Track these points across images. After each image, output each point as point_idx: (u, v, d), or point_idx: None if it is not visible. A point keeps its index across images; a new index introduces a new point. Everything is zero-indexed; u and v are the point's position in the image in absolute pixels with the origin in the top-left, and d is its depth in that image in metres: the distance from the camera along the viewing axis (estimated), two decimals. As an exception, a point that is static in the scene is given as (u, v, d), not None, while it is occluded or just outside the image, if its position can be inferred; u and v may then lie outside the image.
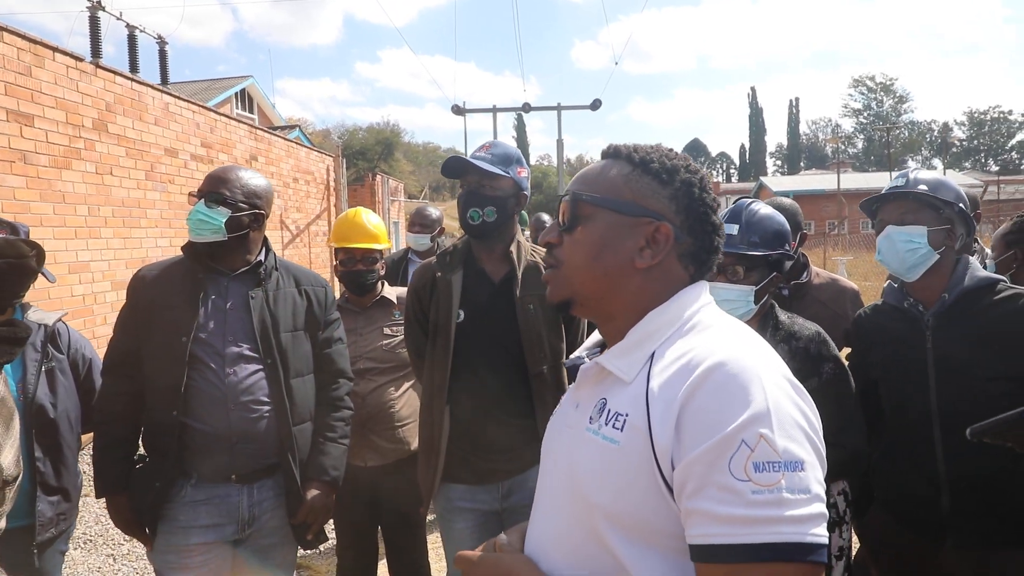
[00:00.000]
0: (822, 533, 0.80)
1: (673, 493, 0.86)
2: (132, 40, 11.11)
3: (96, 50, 9.12)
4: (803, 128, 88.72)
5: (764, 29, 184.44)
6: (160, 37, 12.26)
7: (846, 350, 2.15)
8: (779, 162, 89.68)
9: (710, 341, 0.91)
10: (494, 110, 16.51)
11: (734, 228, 1.90)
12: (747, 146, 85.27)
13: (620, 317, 1.02)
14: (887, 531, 1.98)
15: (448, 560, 2.28)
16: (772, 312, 1.97)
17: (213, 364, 1.99)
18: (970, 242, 1.97)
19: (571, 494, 0.97)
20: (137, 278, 2.10)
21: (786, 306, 2.26)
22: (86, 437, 2.50)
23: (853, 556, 2.11)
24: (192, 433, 1.97)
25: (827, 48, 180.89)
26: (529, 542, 1.06)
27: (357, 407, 2.46)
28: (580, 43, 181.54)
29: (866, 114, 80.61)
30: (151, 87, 6.90)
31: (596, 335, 1.14)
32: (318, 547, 2.25)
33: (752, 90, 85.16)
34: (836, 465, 1.44)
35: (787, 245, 1.93)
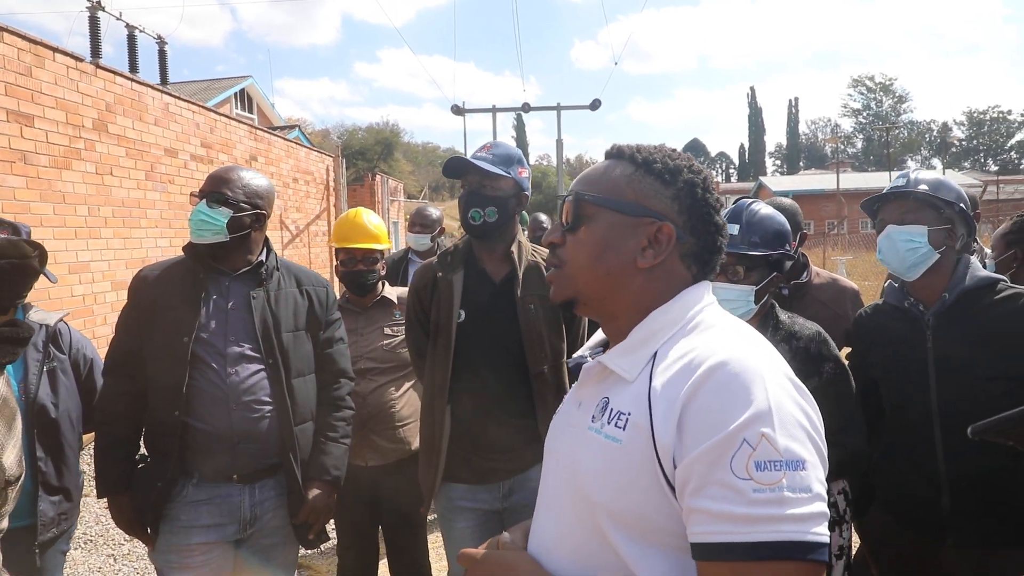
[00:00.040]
0: (823, 532, 0.80)
1: (675, 491, 0.86)
2: (132, 40, 11.11)
3: (96, 50, 9.13)
4: (802, 128, 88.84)
5: (764, 29, 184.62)
6: (159, 37, 12.26)
7: (846, 350, 2.16)
8: (778, 162, 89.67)
9: (712, 340, 0.92)
10: (493, 110, 16.50)
11: (735, 228, 1.90)
12: (746, 146, 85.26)
13: (623, 317, 1.02)
14: (887, 531, 1.98)
15: (449, 560, 2.28)
16: (772, 312, 1.97)
17: (215, 364, 1.99)
18: (970, 242, 1.97)
19: (573, 492, 0.97)
20: (138, 278, 2.10)
21: (786, 306, 2.26)
22: (87, 437, 2.51)
23: (853, 555, 2.12)
24: (194, 433, 1.97)
25: (827, 48, 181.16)
26: (532, 540, 1.06)
27: (358, 407, 2.47)
28: (580, 43, 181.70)
29: (865, 114, 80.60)
30: (151, 87, 6.90)
31: (599, 334, 1.15)
32: (319, 547, 2.25)
33: (751, 90, 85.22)
34: (836, 465, 1.45)
35: (787, 245, 1.94)
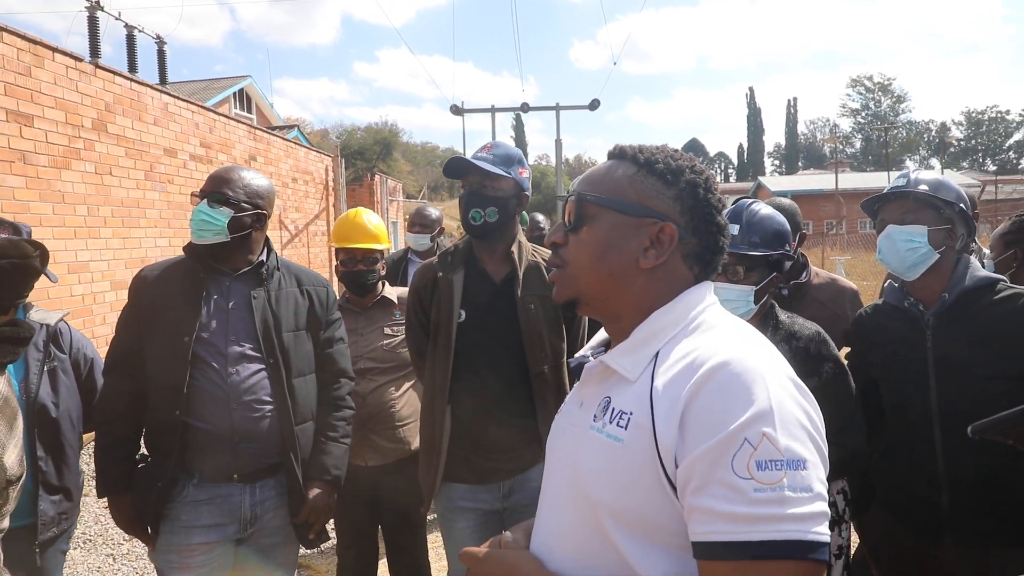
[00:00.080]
0: (824, 531, 0.81)
1: (676, 491, 0.87)
2: (131, 40, 11.09)
3: (95, 50, 9.11)
4: (801, 128, 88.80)
5: (763, 29, 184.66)
6: (159, 37, 12.23)
7: (845, 350, 2.16)
8: (777, 162, 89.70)
9: (714, 341, 0.92)
10: (492, 110, 16.51)
11: (735, 228, 1.91)
12: (745, 146, 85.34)
13: (625, 316, 1.03)
14: (887, 530, 1.99)
15: (449, 559, 2.28)
16: (772, 312, 1.97)
17: (215, 364, 1.99)
18: (970, 242, 1.98)
19: (575, 491, 0.98)
20: (139, 278, 2.10)
21: (785, 306, 2.27)
22: (87, 437, 2.51)
23: (852, 555, 2.12)
24: (194, 433, 1.98)
25: (826, 48, 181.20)
26: (534, 539, 1.06)
27: (358, 407, 2.47)
28: (579, 43, 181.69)
29: (864, 114, 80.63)
30: (150, 87, 6.90)
31: (601, 334, 1.15)
32: (319, 546, 2.25)
33: (750, 90, 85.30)
34: (836, 464, 1.44)
35: (787, 245, 1.94)
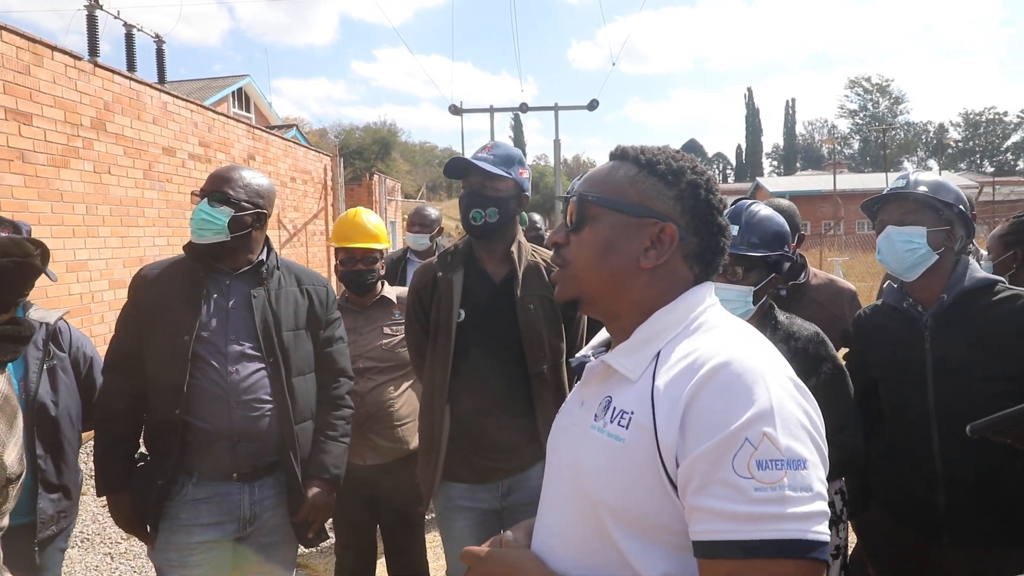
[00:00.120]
0: (824, 531, 0.81)
1: (677, 490, 0.87)
2: (129, 39, 11.10)
3: (93, 49, 9.12)
4: (799, 129, 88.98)
5: (761, 31, 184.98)
6: (157, 36, 12.24)
7: (843, 350, 2.17)
8: (775, 163, 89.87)
9: (715, 341, 0.92)
10: (491, 110, 16.50)
11: (734, 229, 1.91)
12: (743, 147, 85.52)
13: (626, 316, 1.03)
14: (885, 530, 1.99)
15: (448, 559, 2.29)
16: (771, 312, 1.98)
17: (215, 363, 1.99)
18: (969, 243, 1.98)
19: (576, 491, 0.98)
20: (139, 277, 2.10)
21: (784, 307, 2.27)
22: (86, 435, 2.51)
23: (849, 554, 2.13)
24: (194, 431, 1.98)
25: (824, 49, 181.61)
26: (535, 538, 1.07)
27: (356, 406, 2.47)
28: (577, 43, 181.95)
29: (862, 115, 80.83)
30: (149, 86, 6.89)
31: (602, 334, 1.15)
32: (318, 545, 2.26)
33: (748, 91, 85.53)
34: (835, 465, 1.45)
35: (787, 246, 1.95)
